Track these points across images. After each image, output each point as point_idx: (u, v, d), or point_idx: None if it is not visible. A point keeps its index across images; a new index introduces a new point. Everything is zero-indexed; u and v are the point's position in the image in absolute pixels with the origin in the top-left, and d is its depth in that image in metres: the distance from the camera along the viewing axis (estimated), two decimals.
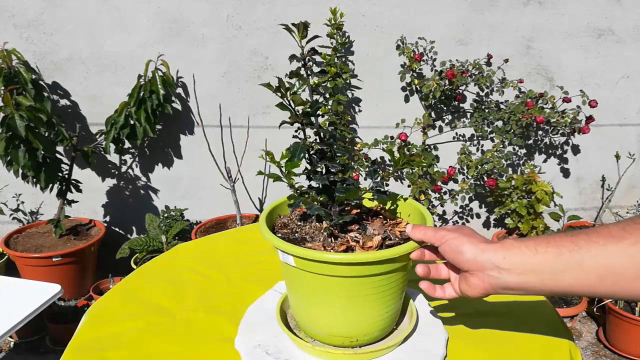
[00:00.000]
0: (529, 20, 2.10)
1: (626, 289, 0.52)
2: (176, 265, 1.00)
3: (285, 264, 0.69)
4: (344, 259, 0.61)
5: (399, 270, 0.66)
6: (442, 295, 0.67)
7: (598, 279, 0.53)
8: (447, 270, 0.67)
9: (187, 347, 0.74)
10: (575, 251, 0.54)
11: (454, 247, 0.61)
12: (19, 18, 2.11)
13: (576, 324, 2.13)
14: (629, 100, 2.21)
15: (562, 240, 0.55)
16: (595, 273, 0.53)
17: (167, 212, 2.31)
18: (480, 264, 0.59)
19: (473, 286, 0.60)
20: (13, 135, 1.87)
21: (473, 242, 0.60)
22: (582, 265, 0.53)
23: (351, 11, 2.07)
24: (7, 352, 1.94)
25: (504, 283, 0.58)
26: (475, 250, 0.59)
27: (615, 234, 0.53)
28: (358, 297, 0.66)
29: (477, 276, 0.60)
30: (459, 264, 0.61)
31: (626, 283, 0.52)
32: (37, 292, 1.14)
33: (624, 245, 0.51)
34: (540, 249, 0.56)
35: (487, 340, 0.75)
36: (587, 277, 0.54)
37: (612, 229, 0.53)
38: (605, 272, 0.52)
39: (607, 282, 0.53)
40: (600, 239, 0.53)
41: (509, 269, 0.57)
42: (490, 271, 0.58)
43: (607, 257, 0.52)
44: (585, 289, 0.54)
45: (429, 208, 2.22)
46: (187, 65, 2.18)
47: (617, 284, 0.52)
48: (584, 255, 0.53)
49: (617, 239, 0.52)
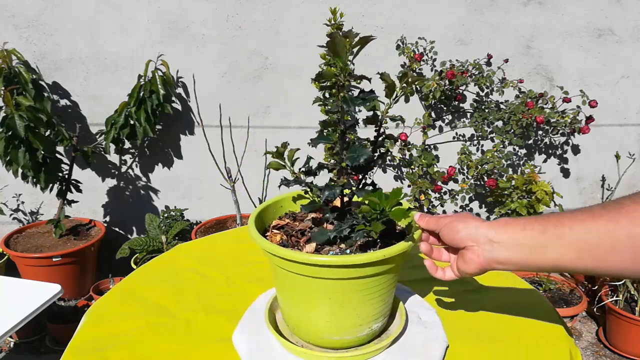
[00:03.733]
0: (529, 20, 2.10)
1: (604, 264, 0.56)
2: (176, 265, 1.00)
3: (272, 265, 0.69)
4: (321, 261, 0.61)
5: (385, 273, 0.65)
6: (442, 276, 0.71)
7: (577, 253, 0.57)
8: (447, 255, 0.71)
9: (187, 347, 0.74)
10: (558, 227, 0.58)
11: (451, 228, 0.66)
12: (19, 18, 2.11)
13: (576, 324, 2.13)
14: (629, 100, 2.21)
15: (549, 218, 0.60)
16: (575, 247, 0.57)
17: (167, 212, 2.31)
18: (474, 238, 0.64)
19: (469, 261, 0.65)
20: (13, 135, 1.87)
21: (469, 221, 0.65)
22: (562, 239, 0.58)
23: (351, 11, 2.07)
24: (7, 352, 1.94)
25: (496, 256, 0.62)
26: (470, 227, 0.64)
27: (597, 212, 0.57)
28: (343, 299, 0.65)
29: (472, 250, 0.64)
30: (455, 242, 0.66)
31: (603, 257, 0.56)
32: (37, 292, 1.14)
33: (602, 221, 0.55)
34: (529, 225, 0.61)
35: (487, 340, 0.75)
36: (567, 251, 0.58)
37: (595, 207, 0.57)
38: (583, 246, 0.56)
39: (586, 257, 0.57)
40: (582, 216, 0.57)
41: (499, 242, 0.62)
42: (483, 245, 0.63)
43: (585, 232, 0.56)
44: (567, 264, 0.58)
45: (429, 208, 2.22)
46: (187, 65, 2.18)
47: (595, 259, 0.56)
48: (565, 231, 0.58)
49: (597, 217, 0.56)
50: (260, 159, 2.30)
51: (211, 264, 1.00)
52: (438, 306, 0.83)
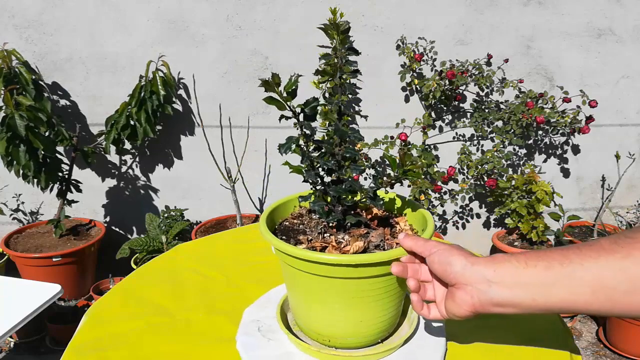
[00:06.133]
0: (529, 20, 2.10)
1: (620, 305, 0.51)
2: (176, 265, 1.00)
3: (282, 263, 0.69)
4: (332, 260, 0.61)
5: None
6: (426, 315, 0.64)
7: (591, 292, 0.51)
8: (433, 291, 0.64)
9: (187, 347, 0.74)
10: (566, 264, 0.53)
11: (443, 259, 0.59)
12: (19, 18, 2.11)
13: (576, 323, 2.13)
14: (629, 100, 2.21)
15: (553, 254, 0.54)
16: (588, 286, 0.51)
17: (167, 212, 2.31)
18: (469, 276, 0.57)
19: (460, 302, 0.58)
20: (13, 134, 1.87)
21: (463, 255, 0.58)
22: (573, 277, 0.52)
23: (351, 11, 2.07)
24: (7, 352, 1.94)
25: (493, 298, 0.56)
26: (465, 263, 0.57)
27: (607, 247, 0.51)
28: (354, 299, 0.65)
29: (464, 290, 0.57)
30: (446, 276, 0.59)
31: (620, 297, 0.51)
32: (37, 292, 1.14)
33: (615, 258, 0.50)
34: (531, 262, 0.55)
35: (486, 341, 0.75)
36: (579, 290, 0.52)
37: (604, 242, 0.52)
38: (598, 285, 0.51)
39: (601, 296, 0.51)
40: (592, 252, 0.52)
41: (498, 282, 0.55)
42: (479, 284, 0.56)
43: (599, 269, 0.51)
44: (580, 305, 0.53)
45: (429, 208, 2.22)
46: (187, 65, 2.18)
47: (610, 299, 0.51)
48: (575, 268, 0.52)
49: (609, 252, 0.51)
50: (260, 159, 2.30)
51: (211, 264, 1.00)
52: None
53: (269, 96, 0.64)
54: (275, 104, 0.64)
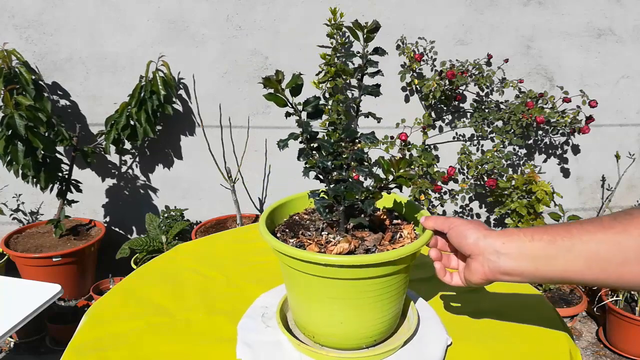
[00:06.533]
0: (529, 20, 2.10)
1: (614, 276, 0.56)
2: (176, 265, 1.00)
3: (281, 263, 0.69)
4: (331, 260, 0.61)
5: (395, 274, 0.65)
6: (449, 281, 0.71)
7: (586, 264, 0.56)
8: (456, 261, 0.71)
9: (187, 347, 0.74)
10: (567, 238, 0.58)
11: (460, 232, 0.65)
12: (19, 18, 2.11)
13: (576, 324, 2.13)
14: (629, 100, 2.21)
15: (558, 229, 0.59)
16: (584, 259, 0.56)
17: (167, 212, 2.31)
18: (481, 247, 0.63)
19: (474, 271, 0.64)
20: (13, 134, 1.87)
21: (477, 229, 0.64)
22: (572, 251, 0.57)
23: (351, 11, 2.07)
24: (7, 352, 1.94)
25: (502, 267, 0.61)
26: (478, 235, 0.63)
27: (606, 223, 0.56)
28: (354, 299, 0.65)
29: (477, 260, 0.64)
30: (462, 248, 0.65)
31: (614, 269, 0.55)
32: (37, 292, 1.14)
33: (611, 233, 0.55)
34: (537, 236, 0.60)
35: (487, 340, 0.75)
36: (576, 262, 0.57)
37: (605, 219, 0.57)
38: (594, 257, 0.56)
39: (595, 268, 0.56)
40: (591, 227, 0.57)
41: (506, 253, 0.61)
42: (489, 255, 0.62)
43: (596, 243, 0.56)
44: (576, 275, 0.58)
45: (429, 208, 2.22)
46: (187, 65, 2.18)
47: (605, 270, 0.56)
48: (574, 242, 0.57)
49: (607, 228, 0.56)
50: (260, 159, 2.30)
51: (211, 264, 1.00)
52: (437, 306, 0.83)
53: (270, 93, 0.64)
54: (275, 100, 0.64)
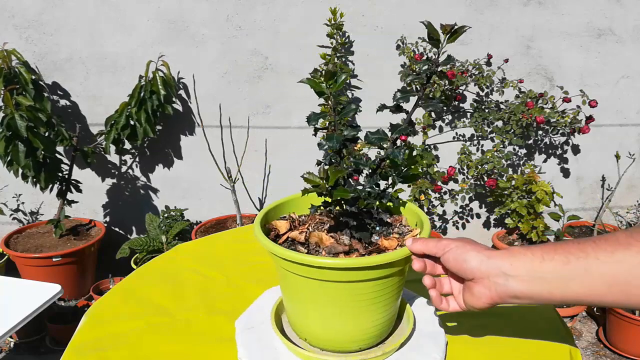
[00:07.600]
0: (529, 20, 2.10)
1: (635, 298, 0.51)
2: (176, 265, 1.00)
3: (276, 266, 0.68)
4: (324, 263, 0.60)
5: (390, 277, 0.64)
6: (446, 308, 0.65)
7: (606, 287, 0.52)
8: (449, 284, 0.65)
9: (187, 347, 0.74)
10: (582, 258, 0.53)
11: (458, 256, 0.59)
12: (19, 18, 2.11)
13: (576, 323, 2.13)
14: (629, 100, 2.21)
15: (570, 248, 0.54)
16: (604, 280, 0.52)
17: (167, 212, 2.31)
18: (485, 270, 0.57)
19: (478, 295, 0.59)
20: (13, 134, 1.87)
21: (477, 250, 0.59)
22: (590, 272, 0.52)
23: (351, 11, 2.07)
24: (7, 352, 1.94)
25: (511, 290, 0.56)
26: (481, 258, 0.58)
27: (623, 240, 0.52)
28: (348, 302, 0.64)
29: (482, 284, 0.58)
30: (462, 273, 0.60)
31: (635, 291, 0.51)
32: (37, 292, 1.14)
33: (631, 253, 0.51)
34: (547, 256, 0.55)
35: (487, 340, 0.75)
36: (595, 284, 0.52)
37: (620, 236, 0.52)
38: (614, 279, 0.51)
39: (616, 290, 0.52)
40: (607, 246, 0.52)
41: (515, 276, 0.56)
42: (496, 278, 0.57)
43: (615, 264, 0.51)
44: (594, 298, 0.53)
45: (429, 208, 2.22)
46: (187, 65, 2.18)
47: (626, 293, 0.51)
48: (591, 262, 0.52)
49: (625, 246, 0.51)
50: (260, 159, 2.30)
51: (211, 264, 1.00)
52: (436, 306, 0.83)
53: (311, 79, 0.66)
54: (313, 85, 0.66)
